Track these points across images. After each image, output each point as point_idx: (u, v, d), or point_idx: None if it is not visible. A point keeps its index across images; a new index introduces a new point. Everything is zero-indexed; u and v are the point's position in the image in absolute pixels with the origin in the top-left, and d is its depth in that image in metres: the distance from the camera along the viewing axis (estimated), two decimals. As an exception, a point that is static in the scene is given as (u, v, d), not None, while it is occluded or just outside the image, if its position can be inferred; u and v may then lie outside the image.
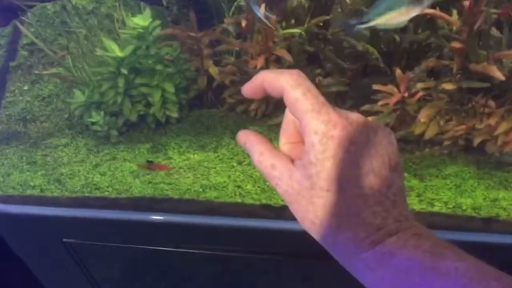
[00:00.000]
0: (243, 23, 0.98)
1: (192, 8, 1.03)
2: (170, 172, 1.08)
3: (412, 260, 0.33)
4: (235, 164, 1.12)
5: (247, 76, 1.08)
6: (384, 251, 0.34)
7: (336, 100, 1.16)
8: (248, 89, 0.41)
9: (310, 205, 0.36)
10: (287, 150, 0.41)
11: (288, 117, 0.42)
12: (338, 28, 1.10)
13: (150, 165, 1.07)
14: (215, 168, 1.11)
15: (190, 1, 1.08)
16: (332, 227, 0.35)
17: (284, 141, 0.41)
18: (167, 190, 1.06)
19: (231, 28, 0.99)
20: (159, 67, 1.01)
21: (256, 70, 1.06)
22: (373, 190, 0.35)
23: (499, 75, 0.96)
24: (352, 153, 0.34)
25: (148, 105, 1.08)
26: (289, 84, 0.36)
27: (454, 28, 1.01)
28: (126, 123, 1.09)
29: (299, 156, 0.38)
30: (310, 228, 0.37)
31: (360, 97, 1.14)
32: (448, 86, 1.02)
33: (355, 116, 0.36)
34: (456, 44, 0.93)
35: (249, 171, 1.11)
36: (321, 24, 1.13)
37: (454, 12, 1.04)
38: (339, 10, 1.10)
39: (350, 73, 1.13)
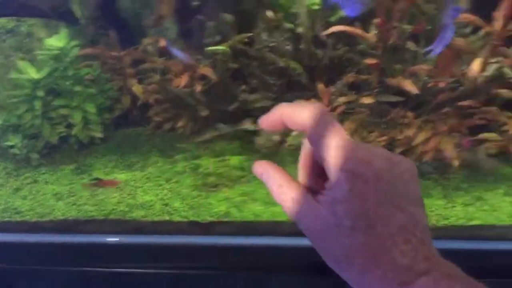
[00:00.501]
0: (162, 43, 0.98)
1: (112, 27, 1.01)
2: (96, 193, 1.06)
3: None
4: (163, 183, 1.11)
5: (171, 95, 1.07)
6: None
7: (262, 114, 1.17)
8: (266, 122, 0.39)
9: (336, 244, 0.34)
10: (306, 182, 0.39)
11: (306, 148, 0.40)
12: (261, 44, 1.11)
13: (98, 183, 1.06)
14: (142, 187, 1.10)
15: (108, 20, 1.06)
16: (359, 267, 0.34)
17: (303, 172, 0.40)
18: (91, 211, 1.03)
19: (150, 48, 0.98)
20: (78, 88, 0.99)
21: (179, 89, 1.05)
22: (401, 227, 0.33)
23: (412, 89, 0.98)
24: (379, 191, 0.33)
25: (70, 126, 1.05)
26: (312, 120, 0.35)
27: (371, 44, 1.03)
28: (47, 145, 1.06)
29: (320, 189, 0.37)
30: (336, 267, 0.36)
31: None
32: (367, 100, 1.04)
33: (380, 152, 0.35)
34: (370, 60, 0.96)
35: (177, 189, 1.10)
36: (247, 40, 1.13)
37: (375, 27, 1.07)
38: (263, 26, 1.11)
39: (275, 88, 1.14)
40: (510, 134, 1.06)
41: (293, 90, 1.15)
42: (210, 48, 1.07)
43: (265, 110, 1.09)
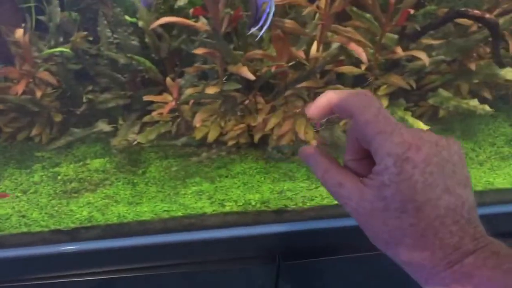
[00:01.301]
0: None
1: None
2: None
3: (493, 280, 0.32)
4: (19, 194, 1.08)
5: (12, 104, 1.04)
6: (463, 271, 0.33)
7: (123, 113, 1.15)
8: (314, 110, 0.39)
9: (384, 226, 0.35)
10: (352, 167, 0.40)
11: (352, 134, 0.40)
12: (104, 41, 1.08)
13: None
14: (-3, 201, 1.07)
15: None
16: (408, 247, 0.35)
17: (349, 157, 0.41)
18: None
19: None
20: None
21: (17, 97, 1.02)
22: (449, 209, 0.34)
23: (248, 75, 0.98)
24: (427, 175, 0.34)
25: None
26: (358, 106, 0.35)
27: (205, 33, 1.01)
28: None
29: (366, 173, 0.38)
30: (384, 248, 0.37)
31: (143, 108, 1.13)
32: (211, 90, 1.03)
33: (427, 136, 0.35)
34: (199, 50, 0.94)
35: (34, 199, 1.07)
36: (91, 39, 1.10)
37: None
38: (105, 22, 1.08)
39: (127, 85, 1.11)
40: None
41: (146, 86, 1.13)
42: (48, 50, 1.03)
43: (119, 108, 1.07)
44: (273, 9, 0.86)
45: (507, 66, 1.04)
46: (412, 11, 0.89)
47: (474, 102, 1.04)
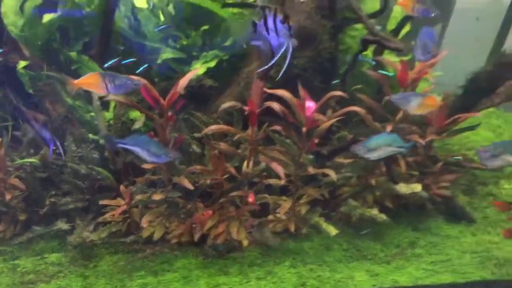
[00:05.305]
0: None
1: None
2: None
3: None
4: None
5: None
6: None
7: (81, 214, 1.36)
8: None
9: None
10: None
11: None
12: (69, 154, 1.32)
13: None
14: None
15: None
16: None
17: None
18: None
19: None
20: None
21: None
22: None
23: (188, 185, 1.22)
24: None
25: None
26: None
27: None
28: None
29: None
30: None
31: (98, 210, 1.35)
32: (157, 197, 1.26)
33: None
34: (147, 165, 1.18)
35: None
36: (58, 151, 1.34)
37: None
38: (71, 139, 1.32)
39: (87, 191, 1.34)
40: (281, 215, 1.31)
41: (102, 191, 1.35)
42: (19, 161, 1.26)
43: (77, 210, 1.30)
44: (290, 50, 1.02)
45: (401, 182, 1.32)
46: (316, 141, 1.17)
47: (375, 211, 1.30)
